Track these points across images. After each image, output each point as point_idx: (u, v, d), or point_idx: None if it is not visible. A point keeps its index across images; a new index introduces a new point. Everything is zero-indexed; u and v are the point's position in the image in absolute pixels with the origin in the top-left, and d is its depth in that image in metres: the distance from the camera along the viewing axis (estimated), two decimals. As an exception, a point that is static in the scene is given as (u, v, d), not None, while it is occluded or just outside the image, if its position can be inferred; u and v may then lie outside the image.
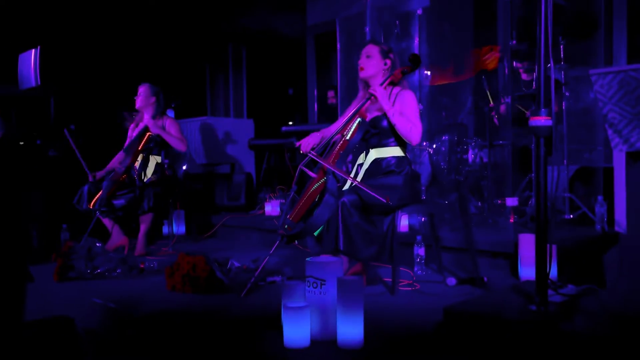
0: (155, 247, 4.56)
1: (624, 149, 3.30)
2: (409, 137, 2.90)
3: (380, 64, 3.04)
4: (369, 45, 3.09)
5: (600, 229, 3.47)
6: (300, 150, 2.94)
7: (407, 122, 2.89)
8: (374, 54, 3.04)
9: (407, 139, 2.92)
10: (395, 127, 2.90)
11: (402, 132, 2.90)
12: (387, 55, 3.05)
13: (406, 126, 2.89)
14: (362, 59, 3.06)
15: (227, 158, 6.32)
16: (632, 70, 3.11)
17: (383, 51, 3.06)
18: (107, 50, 6.69)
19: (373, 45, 3.07)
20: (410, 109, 2.94)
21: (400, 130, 2.90)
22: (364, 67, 3.05)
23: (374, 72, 3.05)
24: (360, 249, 2.66)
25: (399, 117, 2.90)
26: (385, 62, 3.05)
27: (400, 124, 2.89)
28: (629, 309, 2.19)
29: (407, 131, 2.89)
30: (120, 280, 3.37)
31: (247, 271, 3.42)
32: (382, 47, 3.07)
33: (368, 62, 3.04)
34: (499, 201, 4.11)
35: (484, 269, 3.29)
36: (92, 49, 6.51)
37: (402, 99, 2.97)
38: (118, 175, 4.28)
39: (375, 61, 3.04)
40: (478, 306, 2.25)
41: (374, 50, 3.05)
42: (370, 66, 3.04)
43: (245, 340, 2.25)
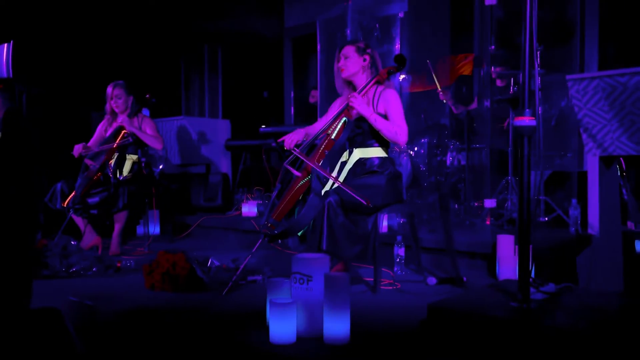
0: (129, 247, 4.48)
1: (598, 154, 3.40)
2: (395, 140, 2.91)
3: (359, 61, 3.04)
4: (345, 47, 3.10)
5: (574, 231, 3.56)
6: (284, 147, 2.92)
7: (392, 126, 2.90)
8: (351, 54, 3.04)
9: (394, 141, 2.93)
10: (381, 133, 2.91)
11: (388, 137, 2.91)
12: (364, 52, 3.05)
13: (391, 130, 2.89)
14: (341, 61, 3.07)
15: (203, 158, 6.26)
16: (606, 77, 3.21)
17: (359, 49, 3.05)
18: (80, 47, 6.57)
19: (348, 46, 3.08)
20: (394, 110, 2.94)
21: (386, 135, 2.91)
22: (343, 68, 3.05)
23: (355, 70, 3.04)
24: (344, 249, 2.67)
25: (382, 122, 2.90)
26: (364, 57, 3.04)
27: (385, 129, 2.90)
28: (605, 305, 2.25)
29: (393, 135, 2.90)
30: (96, 279, 3.31)
31: (227, 270, 3.39)
32: (358, 45, 3.07)
33: (347, 62, 3.05)
34: (475, 203, 4.18)
35: (462, 269, 3.34)
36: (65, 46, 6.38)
37: (385, 99, 2.97)
38: (92, 173, 4.20)
39: (353, 60, 3.04)
40: (462, 303, 2.27)
41: (350, 51, 3.05)
42: (349, 65, 3.04)
43: (230, 337, 2.23)
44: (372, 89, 3.03)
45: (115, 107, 4.39)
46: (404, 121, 2.94)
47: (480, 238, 3.54)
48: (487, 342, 2.00)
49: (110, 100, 4.39)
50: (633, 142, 3.21)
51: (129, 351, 2.15)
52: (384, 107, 2.96)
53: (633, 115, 3.16)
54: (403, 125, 2.92)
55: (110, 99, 4.39)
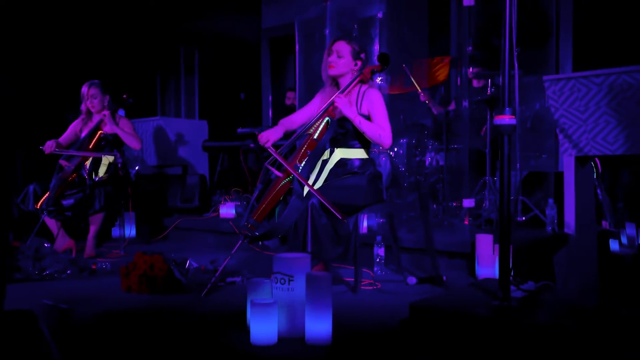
0: (105, 249, 4.40)
1: (573, 154, 3.44)
2: (380, 142, 2.87)
3: (350, 64, 2.97)
4: (341, 42, 2.98)
5: (551, 231, 3.60)
6: (260, 142, 2.87)
7: (376, 128, 2.86)
8: (346, 54, 2.95)
9: (379, 143, 2.88)
10: (365, 135, 2.87)
11: (373, 138, 2.87)
12: (359, 56, 2.98)
13: (375, 132, 2.86)
14: (333, 55, 2.97)
15: (180, 160, 6.19)
16: (582, 77, 3.25)
17: (355, 52, 2.97)
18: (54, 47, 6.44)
19: (345, 44, 2.97)
20: (378, 112, 2.90)
21: (370, 137, 2.87)
22: (334, 65, 2.96)
23: (343, 72, 2.98)
24: (328, 250, 2.64)
25: (366, 124, 2.86)
26: (356, 62, 2.98)
27: (368, 131, 2.86)
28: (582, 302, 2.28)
29: (377, 137, 2.86)
30: (71, 282, 3.23)
31: (206, 272, 3.35)
32: (354, 47, 2.98)
33: (339, 61, 2.96)
34: (454, 203, 4.20)
35: (442, 268, 3.36)
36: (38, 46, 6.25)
37: (369, 99, 2.93)
38: (67, 174, 4.12)
39: (346, 61, 2.96)
40: (443, 302, 2.28)
41: (345, 50, 2.96)
42: (340, 65, 2.96)
43: (210, 338, 2.19)
44: (355, 87, 2.99)
45: (91, 107, 4.31)
46: (388, 123, 2.89)
47: (459, 238, 3.55)
48: (468, 340, 2.01)
49: (86, 101, 4.31)
50: (608, 142, 3.26)
51: (106, 355, 2.10)
52: (368, 107, 2.93)
53: (608, 116, 3.21)
54: (387, 127, 2.88)
55: (85, 99, 4.31)
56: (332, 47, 3.00)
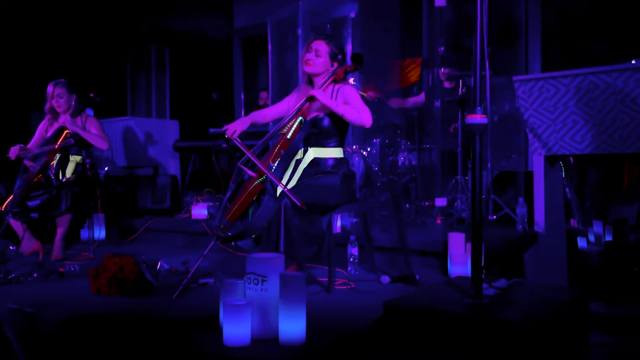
0: (73, 251, 4.29)
1: (543, 153, 3.50)
2: (360, 121, 2.85)
3: (327, 64, 2.99)
4: (320, 41, 3.00)
5: (522, 229, 3.65)
6: (226, 134, 2.86)
7: (354, 109, 2.87)
8: (323, 54, 2.97)
9: (360, 123, 2.86)
10: (344, 117, 2.86)
11: (352, 119, 2.86)
12: (336, 58, 3.00)
13: (353, 112, 2.86)
14: (312, 53, 2.98)
15: (150, 160, 6.10)
16: (551, 78, 3.31)
17: (333, 53, 2.99)
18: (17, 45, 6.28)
19: (325, 44, 2.98)
20: (353, 98, 2.92)
21: (350, 118, 2.86)
22: (311, 63, 2.98)
23: (320, 71, 3.00)
24: (301, 250, 2.63)
25: (344, 106, 2.87)
26: (333, 64, 3.00)
27: (347, 113, 2.85)
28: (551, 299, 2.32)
29: (356, 117, 2.85)
30: (37, 285, 3.14)
31: (177, 274, 3.29)
32: (333, 48, 3.00)
33: (316, 60, 2.97)
34: (426, 203, 4.23)
35: (415, 267, 3.37)
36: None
37: (343, 92, 2.96)
38: (32, 175, 4.01)
39: (323, 60, 2.98)
40: (416, 300, 2.29)
41: (324, 50, 2.97)
42: (317, 64, 2.98)
43: (182, 340, 2.16)
44: (329, 87, 3.00)
45: (57, 106, 4.20)
46: (365, 105, 2.89)
47: (432, 237, 3.58)
48: (442, 338, 2.02)
49: (52, 100, 4.20)
50: (575, 142, 3.33)
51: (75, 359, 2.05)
52: (343, 99, 2.95)
53: (575, 116, 3.28)
54: (365, 108, 2.88)
55: (51, 98, 4.20)
56: (311, 44, 3.00)
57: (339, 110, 2.85)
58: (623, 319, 3.04)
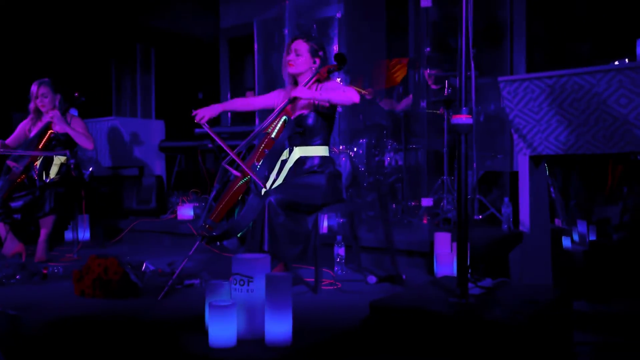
0: (57, 253, 4.25)
1: (528, 153, 3.53)
2: (347, 98, 2.83)
3: (309, 62, 3.00)
4: (299, 40, 3.01)
5: (507, 229, 3.67)
6: (195, 119, 2.89)
7: (337, 90, 2.86)
8: (304, 52, 2.98)
9: (348, 100, 2.84)
10: (331, 100, 2.83)
11: (339, 99, 2.84)
12: (317, 54, 3.01)
13: (338, 93, 2.85)
14: (292, 54, 2.99)
15: (136, 160, 6.05)
16: (535, 79, 3.34)
17: (313, 49, 3.00)
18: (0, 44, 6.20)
19: (303, 42, 3.00)
20: (336, 85, 2.94)
21: (336, 99, 2.83)
22: (293, 64, 2.99)
23: (303, 70, 3.00)
24: (286, 249, 2.63)
25: (328, 91, 2.85)
26: (315, 60, 3.00)
27: (332, 96, 2.83)
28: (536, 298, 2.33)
29: (342, 96, 2.84)
30: (20, 287, 3.10)
31: (163, 275, 3.27)
32: (313, 45, 3.01)
33: (297, 60, 2.98)
34: (412, 203, 4.25)
35: (402, 267, 3.38)
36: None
37: (326, 86, 2.96)
38: (15, 175, 3.96)
39: (304, 59, 2.98)
40: (403, 300, 2.29)
41: (304, 48, 2.98)
42: (299, 63, 2.99)
43: (167, 342, 2.14)
44: (313, 87, 3.00)
45: (41, 106, 4.16)
46: (350, 87, 2.91)
47: (418, 237, 3.59)
48: (428, 337, 2.02)
49: (36, 100, 4.16)
50: (560, 142, 3.35)
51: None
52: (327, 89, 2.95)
53: (560, 116, 3.31)
54: (349, 87, 2.88)
55: (35, 97, 4.16)
56: (290, 45, 3.01)
57: (324, 96, 2.82)
58: (607, 318, 3.07)
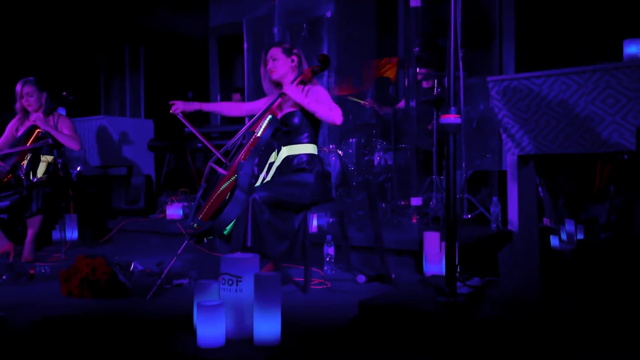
0: (44, 253, 4.21)
1: (516, 153, 3.55)
2: (331, 118, 2.89)
3: (287, 62, 3.05)
4: (271, 49, 3.09)
5: (496, 228, 3.69)
6: (171, 110, 2.97)
7: (325, 106, 2.91)
8: (278, 55, 3.05)
9: (331, 120, 2.90)
10: (315, 114, 2.90)
11: (323, 116, 2.90)
12: (291, 53, 3.07)
13: (324, 110, 2.89)
14: (269, 63, 3.07)
15: (124, 160, 6.01)
16: (524, 79, 3.36)
17: (286, 50, 3.07)
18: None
19: (274, 48, 3.08)
20: (324, 97, 2.97)
21: (321, 115, 2.90)
22: (273, 70, 3.05)
23: (284, 72, 3.05)
24: (270, 246, 2.63)
25: (315, 104, 2.91)
26: (292, 59, 3.06)
27: (318, 110, 2.89)
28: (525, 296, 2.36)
29: (327, 114, 2.89)
30: (7, 288, 3.07)
31: (151, 275, 3.25)
32: (284, 46, 3.09)
33: (275, 64, 3.05)
34: (402, 202, 4.25)
35: (391, 266, 3.38)
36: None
37: (314, 92, 2.99)
38: (2, 174, 3.93)
39: (281, 61, 3.05)
40: (391, 299, 2.30)
41: (277, 52, 3.06)
42: (278, 67, 3.05)
43: (155, 342, 2.13)
44: (299, 87, 3.01)
45: (27, 105, 4.12)
46: (335, 104, 2.94)
47: (408, 236, 3.60)
48: (417, 336, 2.03)
49: (21, 99, 4.12)
50: (548, 141, 3.38)
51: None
52: (315, 98, 2.97)
53: (547, 116, 3.33)
54: (336, 107, 2.93)
55: (20, 97, 4.12)
56: (265, 57, 3.10)
57: (311, 108, 2.90)
58: (593, 316, 3.09)
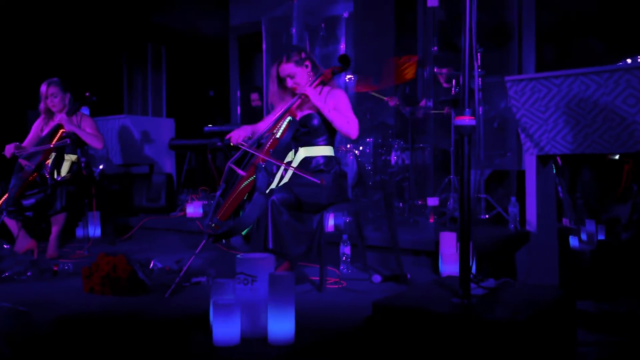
0: (68, 250, 4.31)
1: (535, 153, 3.52)
2: (347, 131, 2.92)
3: (304, 72, 3.02)
4: (281, 66, 3.02)
5: (513, 228, 3.67)
6: (231, 143, 2.90)
7: (343, 117, 2.93)
8: (294, 70, 3.00)
9: (346, 133, 2.93)
10: (332, 123, 2.92)
11: (339, 127, 2.92)
12: (302, 60, 3.02)
13: (342, 121, 2.92)
14: (289, 82, 3.02)
15: (146, 158, 6.11)
16: (542, 79, 3.32)
17: (297, 61, 3.01)
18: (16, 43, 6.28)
19: (285, 65, 3.01)
20: (343, 105, 2.97)
21: (338, 126, 2.92)
22: (296, 87, 3.01)
23: (305, 81, 3.03)
24: (289, 247, 2.66)
25: (334, 112, 2.92)
26: (305, 64, 3.03)
27: (336, 119, 2.92)
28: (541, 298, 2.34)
29: (344, 125, 2.91)
30: (31, 284, 3.16)
31: (170, 272, 3.31)
32: (293, 59, 3.01)
33: (296, 81, 3.01)
34: (419, 202, 4.25)
35: (407, 266, 3.38)
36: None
37: (334, 97, 3.00)
38: (27, 173, 4.02)
39: (299, 74, 3.01)
40: (405, 300, 2.30)
41: (291, 68, 3.00)
42: (299, 81, 3.01)
43: (172, 340, 2.18)
44: (318, 88, 3.03)
45: (51, 106, 4.22)
46: (354, 115, 2.97)
47: (424, 236, 3.60)
48: (428, 337, 2.03)
49: (46, 100, 4.22)
50: (567, 142, 3.34)
51: (67, 358, 2.06)
52: (334, 104, 2.98)
53: (567, 116, 3.29)
54: (354, 119, 2.95)
55: (45, 97, 4.22)
56: (280, 75, 3.03)
57: (329, 116, 2.92)
58: (613, 318, 3.06)
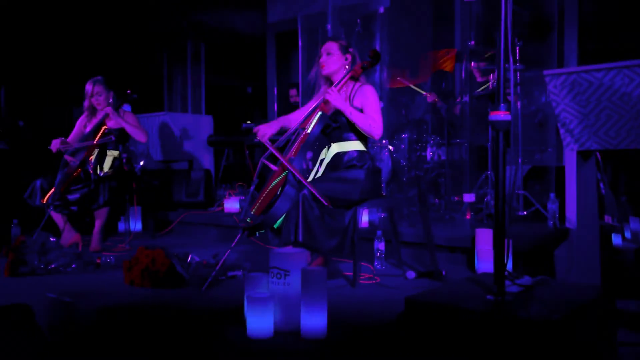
0: (110, 243, 4.46)
1: (575, 148, 3.43)
2: (370, 132, 2.93)
3: (341, 59, 3.06)
4: (327, 42, 3.10)
5: (552, 225, 3.59)
6: (257, 137, 2.95)
7: (367, 119, 2.92)
8: (334, 51, 3.05)
9: (369, 134, 2.94)
10: (356, 125, 2.93)
11: (363, 129, 2.93)
12: (347, 51, 3.07)
13: (366, 122, 2.92)
14: (323, 56, 3.07)
15: (185, 154, 6.23)
16: (583, 72, 3.24)
17: (342, 47, 3.07)
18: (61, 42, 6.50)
19: (332, 42, 3.09)
20: (370, 104, 2.96)
21: (361, 127, 2.93)
22: (325, 64, 3.06)
23: (336, 68, 3.06)
24: (320, 242, 2.68)
25: (357, 115, 2.92)
26: (346, 57, 3.06)
27: (359, 122, 2.92)
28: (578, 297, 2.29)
29: (367, 127, 2.92)
30: (75, 275, 3.28)
31: (207, 266, 3.38)
32: (341, 42, 3.08)
33: (329, 59, 3.06)
34: (455, 198, 4.21)
35: (442, 263, 3.36)
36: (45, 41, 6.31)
37: (362, 94, 2.99)
38: (72, 169, 4.17)
39: (335, 57, 3.05)
40: (438, 296, 2.29)
41: (333, 47, 3.06)
42: (331, 63, 3.05)
43: (208, 332, 2.23)
44: (349, 84, 3.04)
45: (96, 104, 4.36)
46: (379, 115, 2.96)
47: (460, 232, 3.56)
48: (461, 334, 2.02)
49: (91, 98, 4.35)
50: (609, 137, 3.25)
51: (108, 347, 2.14)
52: (361, 101, 2.98)
53: (609, 110, 3.20)
54: (378, 118, 2.94)
55: (90, 96, 4.35)
56: (320, 50, 3.10)
57: (352, 118, 2.92)
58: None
